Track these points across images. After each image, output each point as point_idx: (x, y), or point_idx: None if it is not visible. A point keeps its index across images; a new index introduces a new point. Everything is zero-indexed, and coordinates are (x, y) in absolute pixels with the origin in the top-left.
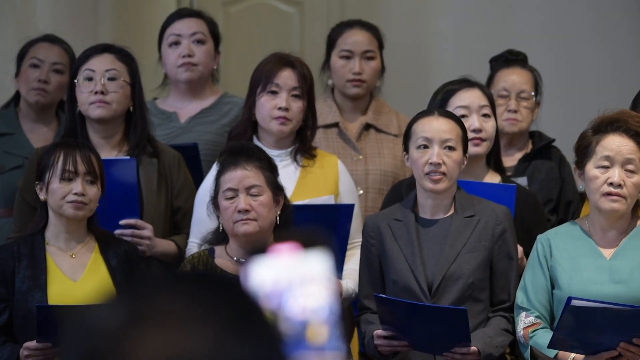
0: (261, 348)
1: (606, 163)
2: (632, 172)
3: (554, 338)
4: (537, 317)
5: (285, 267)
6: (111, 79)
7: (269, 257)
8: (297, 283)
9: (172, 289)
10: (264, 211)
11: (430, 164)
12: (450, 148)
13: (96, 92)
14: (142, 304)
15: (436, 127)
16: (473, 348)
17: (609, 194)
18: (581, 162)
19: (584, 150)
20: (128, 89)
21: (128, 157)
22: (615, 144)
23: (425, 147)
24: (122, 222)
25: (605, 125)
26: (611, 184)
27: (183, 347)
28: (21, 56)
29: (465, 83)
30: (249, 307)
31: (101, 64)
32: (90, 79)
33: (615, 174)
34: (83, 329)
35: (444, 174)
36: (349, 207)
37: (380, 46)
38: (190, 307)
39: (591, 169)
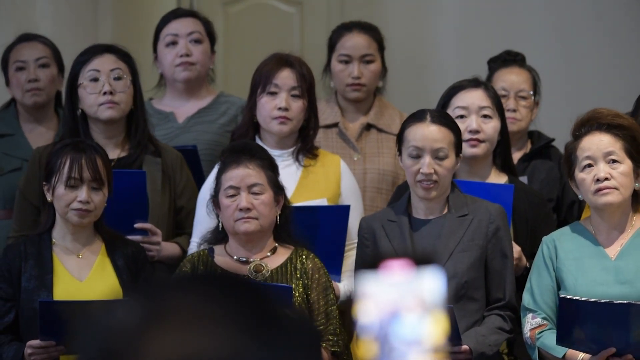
0: (278, 350)
1: (589, 162)
2: (616, 162)
3: (559, 334)
4: (543, 318)
5: (392, 284)
6: (117, 78)
7: (381, 272)
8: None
9: (188, 289)
10: (265, 210)
11: (422, 173)
12: (442, 157)
13: (104, 93)
14: (157, 304)
15: (428, 135)
16: (464, 347)
17: (598, 189)
18: (570, 172)
19: (568, 159)
20: (132, 89)
21: (139, 170)
22: (592, 142)
23: (417, 156)
24: (137, 225)
25: (580, 128)
26: (598, 180)
27: (198, 347)
28: (5, 64)
29: (471, 83)
30: (266, 309)
31: (105, 64)
32: (95, 79)
33: (600, 169)
34: (97, 327)
35: (436, 181)
36: (345, 209)
37: (380, 47)
38: (206, 307)
39: (578, 174)
